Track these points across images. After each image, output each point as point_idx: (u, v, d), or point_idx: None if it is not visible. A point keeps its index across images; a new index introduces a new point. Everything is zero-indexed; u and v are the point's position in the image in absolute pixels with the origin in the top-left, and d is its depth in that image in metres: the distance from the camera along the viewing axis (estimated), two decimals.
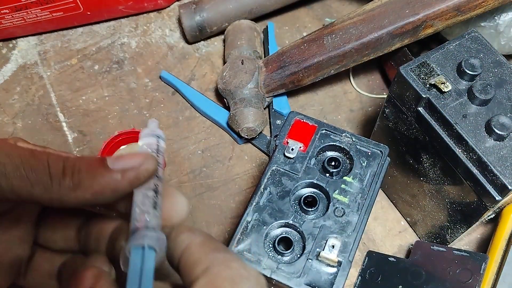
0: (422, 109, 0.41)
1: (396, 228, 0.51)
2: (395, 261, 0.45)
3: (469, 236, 0.51)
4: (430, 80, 0.40)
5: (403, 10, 0.48)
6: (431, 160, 0.43)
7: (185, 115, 0.59)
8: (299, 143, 0.40)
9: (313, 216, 0.37)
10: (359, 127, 0.58)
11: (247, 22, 0.60)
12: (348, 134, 0.40)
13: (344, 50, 0.50)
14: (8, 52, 0.64)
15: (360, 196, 0.38)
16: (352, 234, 0.36)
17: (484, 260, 0.41)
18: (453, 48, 0.42)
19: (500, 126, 0.37)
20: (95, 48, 0.64)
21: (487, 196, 0.38)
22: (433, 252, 0.44)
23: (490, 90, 0.39)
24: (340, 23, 0.51)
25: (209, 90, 0.60)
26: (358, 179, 0.38)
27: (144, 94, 0.60)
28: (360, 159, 0.39)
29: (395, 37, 0.49)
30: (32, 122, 0.58)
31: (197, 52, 0.63)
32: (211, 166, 0.55)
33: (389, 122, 0.45)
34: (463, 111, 0.39)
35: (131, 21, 0.66)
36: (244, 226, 0.37)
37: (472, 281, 0.41)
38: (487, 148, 0.37)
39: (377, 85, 0.61)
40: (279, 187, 0.38)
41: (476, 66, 0.40)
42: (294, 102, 0.59)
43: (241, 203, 0.53)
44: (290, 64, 0.53)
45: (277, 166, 0.39)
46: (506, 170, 0.37)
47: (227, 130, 0.57)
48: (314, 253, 0.35)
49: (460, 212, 0.42)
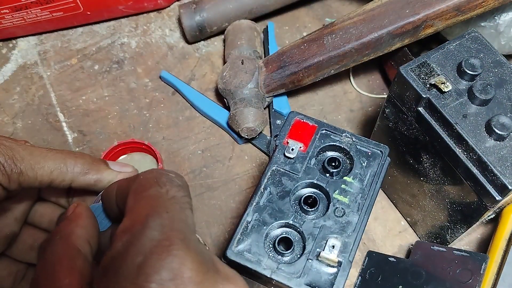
0: (422, 109, 0.41)
1: (396, 228, 0.51)
2: (395, 261, 0.45)
3: (469, 236, 0.51)
4: (430, 80, 0.40)
5: (403, 10, 0.48)
6: (431, 160, 0.43)
7: (185, 115, 0.59)
8: (299, 143, 0.40)
9: (313, 216, 0.37)
10: (359, 127, 0.58)
11: (247, 22, 0.60)
12: (348, 134, 0.40)
13: (344, 50, 0.50)
14: (8, 52, 0.63)
15: (360, 196, 0.38)
16: (352, 234, 0.36)
17: (484, 260, 0.41)
18: (453, 48, 0.42)
19: (500, 126, 0.37)
20: (95, 48, 0.64)
21: (487, 196, 0.38)
22: (433, 252, 0.44)
23: (490, 90, 0.39)
24: (340, 23, 0.51)
25: (209, 90, 0.60)
26: (358, 179, 0.38)
27: (144, 94, 0.60)
28: (360, 159, 0.39)
29: (395, 37, 0.49)
30: (32, 122, 0.58)
31: (197, 52, 0.63)
32: (211, 166, 0.55)
33: (389, 122, 0.45)
34: (463, 111, 0.39)
35: (131, 21, 0.66)
36: (244, 226, 0.37)
37: (472, 281, 0.41)
38: (487, 148, 0.37)
39: (377, 85, 0.61)
40: (279, 187, 0.38)
41: (476, 66, 0.40)
42: (294, 102, 0.59)
43: (241, 203, 0.53)
44: (290, 64, 0.53)
45: (277, 166, 0.39)
46: (506, 170, 0.37)
47: (227, 130, 0.57)
48: (314, 253, 0.35)
49: (460, 212, 0.42)
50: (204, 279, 0.25)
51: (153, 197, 0.28)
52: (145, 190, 0.29)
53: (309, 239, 0.36)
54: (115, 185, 0.33)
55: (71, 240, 0.29)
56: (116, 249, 0.26)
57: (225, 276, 0.26)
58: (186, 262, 0.25)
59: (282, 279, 0.34)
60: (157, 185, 0.29)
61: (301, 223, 0.37)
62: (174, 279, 0.24)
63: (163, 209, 0.27)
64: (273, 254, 0.36)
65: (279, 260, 0.36)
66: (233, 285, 0.26)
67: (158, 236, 0.25)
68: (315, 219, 0.37)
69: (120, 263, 0.25)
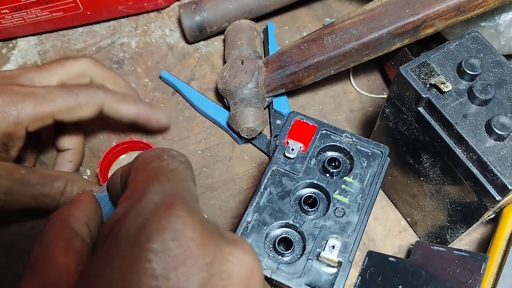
0: (422, 109, 0.41)
1: (396, 228, 0.52)
2: (395, 261, 0.45)
3: (469, 236, 0.51)
4: (430, 80, 0.40)
5: (403, 10, 0.48)
6: (431, 160, 0.43)
7: (185, 115, 0.59)
8: (299, 143, 0.40)
9: (313, 216, 0.37)
10: (359, 127, 0.58)
11: (247, 22, 0.60)
12: (348, 134, 0.40)
13: (344, 50, 0.50)
14: (8, 52, 0.63)
15: (360, 196, 0.38)
16: (353, 234, 0.36)
17: (484, 260, 0.41)
18: (453, 48, 0.42)
19: (500, 126, 0.37)
20: (95, 48, 0.64)
21: (487, 196, 0.38)
22: (433, 252, 0.44)
23: (490, 90, 0.39)
24: (340, 23, 0.51)
25: (209, 90, 0.60)
26: (358, 179, 0.38)
27: (144, 94, 0.60)
28: (360, 159, 0.39)
29: (395, 37, 0.49)
30: None
31: (197, 52, 0.63)
32: (211, 166, 0.55)
33: (389, 122, 0.45)
34: (463, 111, 0.39)
35: (131, 21, 0.66)
36: (244, 226, 0.37)
37: (472, 281, 0.41)
38: (487, 148, 0.37)
39: (377, 85, 0.61)
40: (279, 187, 0.38)
41: (476, 66, 0.40)
42: (294, 102, 0.59)
43: (241, 203, 0.53)
44: (290, 64, 0.53)
45: (277, 166, 0.39)
46: (506, 170, 0.37)
47: (227, 130, 0.57)
48: (314, 253, 0.35)
49: (460, 212, 0.42)
50: (207, 241, 0.24)
51: (154, 169, 0.27)
52: (146, 164, 0.28)
53: (309, 239, 0.36)
54: (119, 171, 0.33)
55: (69, 221, 0.29)
56: (116, 215, 0.25)
57: (231, 240, 0.25)
58: (189, 223, 0.24)
59: (282, 279, 0.34)
60: (158, 159, 0.28)
61: (301, 223, 0.37)
62: (177, 239, 0.23)
63: (164, 178, 0.26)
64: (273, 254, 0.36)
65: (279, 260, 0.36)
66: (240, 248, 0.25)
67: (159, 200, 0.24)
68: (315, 219, 0.37)
69: (120, 228, 0.24)
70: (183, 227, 0.23)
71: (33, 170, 0.45)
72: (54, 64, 0.49)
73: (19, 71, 0.46)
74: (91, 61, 0.50)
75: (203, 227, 0.24)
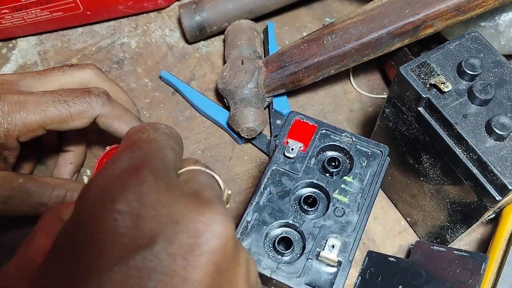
0: (422, 109, 0.41)
1: (396, 228, 0.51)
2: (395, 261, 0.45)
3: (469, 236, 0.51)
4: (430, 80, 0.40)
5: (403, 10, 0.48)
6: (431, 160, 0.43)
7: (185, 115, 0.59)
8: (299, 143, 0.40)
9: (313, 216, 0.37)
10: (359, 127, 0.58)
11: (247, 22, 0.60)
12: (348, 134, 0.40)
13: (344, 50, 0.50)
14: (8, 52, 0.63)
15: (360, 196, 0.38)
16: (352, 234, 0.36)
17: (484, 260, 0.41)
18: (453, 48, 0.42)
19: (500, 126, 0.37)
20: (95, 48, 0.64)
21: (487, 196, 0.38)
22: (433, 252, 0.44)
23: (490, 90, 0.39)
24: (340, 23, 0.51)
25: (209, 90, 0.60)
26: (358, 179, 0.38)
27: (144, 94, 0.60)
28: (360, 159, 0.39)
29: (395, 37, 0.49)
30: None
31: (197, 52, 0.63)
32: (211, 166, 0.55)
33: (389, 122, 0.45)
34: (463, 111, 0.39)
35: (131, 21, 0.66)
36: (244, 226, 0.37)
37: (472, 281, 0.41)
38: (487, 148, 0.37)
39: (377, 85, 0.61)
40: (279, 187, 0.38)
41: (476, 66, 0.40)
42: (294, 102, 0.59)
43: (241, 203, 0.53)
44: (290, 64, 0.53)
45: (277, 166, 0.39)
46: (506, 170, 0.37)
47: (227, 130, 0.57)
48: (314, 253, 0.35)
49: (460, 212, 0.42)
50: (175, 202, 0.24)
51: (132, 140, 0.28)
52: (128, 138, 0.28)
53: (309, 238, 0.36)
54: None
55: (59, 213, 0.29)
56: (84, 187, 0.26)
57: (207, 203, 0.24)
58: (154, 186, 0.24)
59: (282, 279, 0.34)
60: (140, 132, 0.28)
61: (301, 223, 0.37)
62: (141, 201, 0.23)
63: (137, 147, 0.27)
64: (273, 254, 0.36)
65: (279, 259, 0.36)
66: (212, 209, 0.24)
67: (127, 165, 0.25)
68: (315, 218, 0.37)
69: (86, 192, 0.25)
70: (149, 190, 0.24)
71: (32, 178, 0.45)
72: (55, 71, 0.47)
73: (19, 76, 0.45)
74: (95, 71, 0.49)
75: (171, 190, 0.24)
